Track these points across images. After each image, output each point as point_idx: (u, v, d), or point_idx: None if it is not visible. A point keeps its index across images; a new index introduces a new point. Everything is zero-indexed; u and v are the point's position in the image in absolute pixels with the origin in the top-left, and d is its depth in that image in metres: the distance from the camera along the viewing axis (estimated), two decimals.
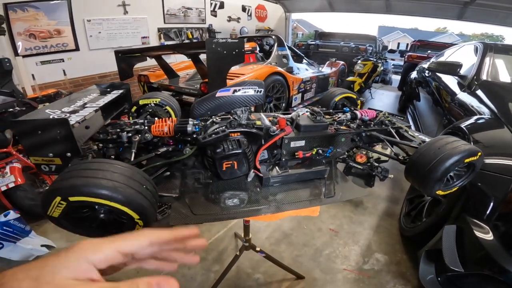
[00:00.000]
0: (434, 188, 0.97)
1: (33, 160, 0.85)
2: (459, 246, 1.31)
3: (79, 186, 0.66)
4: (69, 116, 0.92)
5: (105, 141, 1.02)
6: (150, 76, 3.58)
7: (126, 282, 0.36)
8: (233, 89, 0.99)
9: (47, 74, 3.97)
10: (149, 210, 0.74)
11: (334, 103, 1.68)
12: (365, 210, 2.32)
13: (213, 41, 2.03)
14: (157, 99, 1.44)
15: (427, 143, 1.02)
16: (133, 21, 4.81)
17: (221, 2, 6.34)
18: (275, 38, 4.36)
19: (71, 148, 0.84)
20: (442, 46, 6.63)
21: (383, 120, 1.36)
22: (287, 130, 1.10)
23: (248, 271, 1.71)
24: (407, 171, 1.05)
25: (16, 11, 3.51)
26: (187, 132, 1.01)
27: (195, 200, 0.96)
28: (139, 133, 1.01)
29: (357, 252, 1.89)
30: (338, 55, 6.37)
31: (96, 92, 1.31)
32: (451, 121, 2.07)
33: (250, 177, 1.06)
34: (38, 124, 0.82)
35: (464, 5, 5.89)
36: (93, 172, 0.69)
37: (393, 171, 1.29)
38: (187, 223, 0.87)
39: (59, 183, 0.68)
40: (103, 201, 0.67)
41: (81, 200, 0.67)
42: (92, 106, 1.04)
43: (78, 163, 0.75)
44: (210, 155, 0.97)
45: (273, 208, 0.97)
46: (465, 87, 2.19)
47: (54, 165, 0.86)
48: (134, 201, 0.70)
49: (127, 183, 0.70)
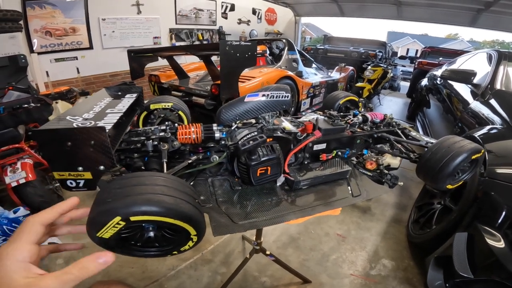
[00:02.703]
0: (446, 183, 1.09)
1: (58, 175, 0.74)
2: (469, 253, 1.33)
3: (141, 204, 0.58)
4: (95, 123, 0.81)
5: (129, 151, 0.95)
6: (160, 76, 3.62)
7: (73, 264, 0.43)
8: (261, 93, 0.99)
9: (61, 71, 4.05)
10: (204, 224, 0.69)
11: (339, 105, 1.75)
12: (372, 216, 2.30)
13: (227, 43, 2.05)
14: (170, 104, 1.39)
15: (437, 143, 1.12)
16: (145, 21, 4.89)
17: (232, 4, 6.40)
18: (286, 41, 4.37)
19: (106, 160, 0.74)
20: (453, 53, 6.56)
21: (390, 122, 1.45)
22: (316, 135, 1.12)
23: (254, 274, 1.71)
24: (419, 168, 1.16)
25: (34, 8, 3.59)
26: (214, 138, 1.00)
27: (231, 208, 0.94)
28: (165, 141, 0.96)
29: (364, 257, 1.88)
30: (347, 60, 6.34)
31: (108, 96, 1.18)
32: (463, 130, 2.06)
33: (280, 182, 1.08)
34: (68, 133, 0.71)
35: (477, 12, 5.83)
36: (150, 188, 0.62)
37: (402, 178, 1.34)
38: (231, 232, 0.86)
39: (117, 202, 0.59)
40: (166, 219, 0.61)
41: (143, 220, 0.59)
42: (113, 111, 0.94)
43: (124, 177, 0.67)
44: (244, 162, 0.95)
45: (309, 210, 0.98)
46: (478, 96, 2.17)
47: (82, 179, 0.76)
48: (194, 216, 0.64)
49: (185, 198, 0.64)
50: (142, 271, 1.69)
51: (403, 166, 1.67)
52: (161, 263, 1.75)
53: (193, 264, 1.76)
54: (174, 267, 1.72)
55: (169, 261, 1.76)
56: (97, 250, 0.51)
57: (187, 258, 1.79)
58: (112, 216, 0.57)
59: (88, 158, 0.73)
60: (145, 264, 1.73)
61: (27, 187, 1.94)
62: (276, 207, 0.97)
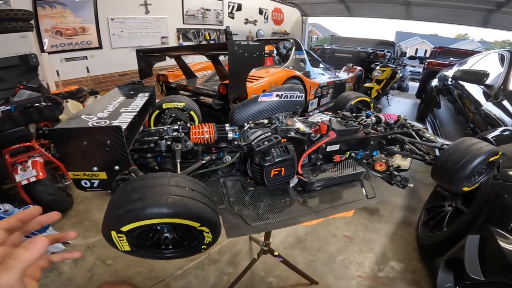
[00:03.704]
0: (462, 185, 1.08)
1: (72, 175, 0.75)
2: (481, 256, 1.32)
3: (124, 214, 0.58)
4: (110, 123, 0.80)
5: (142, 151, 0.95)
6: (168, 76, 3.64)
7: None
8: (275, 93, 0.99)
9: (70, 71, 4.10)
10: (218, 224, 0.69)
11: (350, 106, 1.73)
12: (381, 218, 2.28)
13: (235, 43, 2.05)
14: (182, 103, 1.39)
15: (454, 145, 1.11)
16: (153, 20, 4.92)
17: (238, 4, 6.40)
18: (293, 41, 4.35)
19: (121, 160, 0.73)
20: (464, 53, 6.45)
21: (404, 123, 1.44)
22: (331, 135, 1.12)
23: (261, 274, 1.70)
24: (435, 170, 1.15)
25: (44, 7, 3.65)
26: (227, 139, 0.99)
27: (244, 210, 0.94)
28: (179, 141, 0.96)
29: (372, 259, 1.87)
30: (355, 60, 6.29)
31: (121, 95, 1.19)
32: (475, 131, 2.03)
33: (293, 183, 1.07)
34: (85, 132, 0.70)
35: (488, 12, 5.72)
36: (170, 189, 0.61)
37: (411, 180, 1.30)
38: (244, 234, 0.85)
39: (106, 217, 0.60)
40: (180, 221, 0.61)
41: (137, 226, 0.59)
42: (127, 111, 0.93)
43: (139, 178, 0.67)
44: (258, 163, 0.93)
45: (324, 212, 0.97)
46: (491, 97, 2.13)
47: (97, 180, 0.76)
48: (207, 216, 0.64)
49: (202, 199, 0.65)
50: (150, 270, 1.70)
51: (412, 168, 1.65)
52: (168, 262, 1.76)
53: (200, 264, 1.76)
54: (181, 266, 1.73)
55: (176, 261, 1.77)
56: (103, 252, 0.52)
57: (194, 258, 1.79)
58: (108, 231, 0.58)
59: (104, 158, 0.72)
60: (152, 264, 1.74)
61: (37, 185, 1.96)
62: (289, 208, 0.96)
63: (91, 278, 1.64)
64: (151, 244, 0.69)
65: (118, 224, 0.58)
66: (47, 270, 1.68)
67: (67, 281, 1.63)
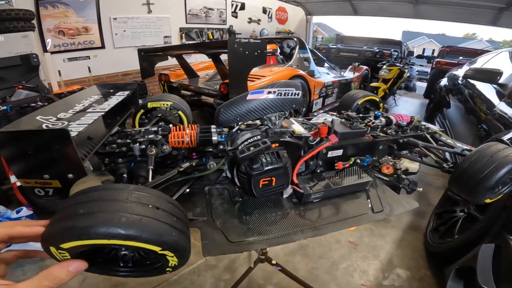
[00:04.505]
0: (485, 196, 0.96)
1: (23, 182, 0.67)
2: (494, 265, 1.26)
3: (64, 231, 0.48)
4: (67, 125, 0.73)
5: (113, 155, 0.86)
6: (170, 75, 3.61)
7: (42, 274, 0.42)
8: (266, 91, 0.87)
9: (73, 70, 4.10)
10: (185, 246, 0.57)
11: (357, 106, 1.61)
12: (387, 223, 2.19)
13: (235, 41, 1.99)
14: (169, 103, 1.30)
15: (477, 151, 1.00)
16: (156, 20, 4.90)
17: (242, 3, 6.35)
18: (297, 40, 4.28)
19: (73, 167, 0.66)
20: (473, 53, 6.30)
21: (418, 126, 1.30)
22: (332, 140, 0.99)
23: (260, 282, 1.64)
24: (454, 179, 1.03)
25: (47, 7, 3.64)
26: (212, 142, 0.89)
27: (227, 223, 0.82)
28: (154, 144, 0.86)
29: (377, 266, 1.80)
30: (360, 59, 6.19)
31: (97, 94, 1.10)
32: (488, 132, 1.94)
33: (287, 194, 0.94)
34: (26, 136, 0.62)
35: (498, 10, 5.57)
36: (111, 205, 0.51)
37: (420, 183, 1.21)
38: (224, 253, 0.74)
39: (46, 229, 0.50)
40: (132, 243, 0.51)
41: (80, 245, 0.49)
42: (95, 110, 0.85)
43: (83, 191, 0.56)
44: (244, 171, 0.82)
45: (320, 229, 0.85)
46: (505, 97, 2.03)
47: (51, 188, 0.68)
48: (168, 240, 0.53)
49: (160, 217, 0.54)
50: None
51: (422, 170, 1.55)
52: None
53: (196, 270, 1.70)
54: (176, 272, 1.67)
55: None
56: None
57: (190, 263, 1.73)
58: (47, 246, 0.48)
59: (53, 165, 0.65)
60: None
61: None
62: (281, 224, 0.84)
63: (84, 281, 1.60)
64: (104, 261, 0.58)
65: (57, 241, 0.48)
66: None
67: (60, 284, 1.58)
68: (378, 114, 1.32)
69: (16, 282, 0.42)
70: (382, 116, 1.28)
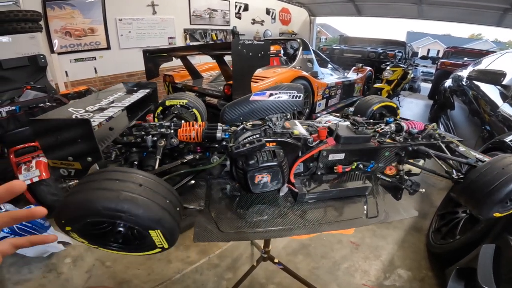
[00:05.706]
0: (493, 210, 0.91)
1: (51, 163, 0.81)
2: (495, 265, 1.27)
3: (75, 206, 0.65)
4: (92, 116, 0.85)
5: (128, 145, 0.95)
6: (175, 76, 3.63)
7: None
8: (269, 92, 0.91)
9: (79, 71, 4.14)
10: (173, 230, 0.69)
11: (372, 112, 1.56)
12: (389, 224, 2.19)
13: (239, 42, 2.01)
14: (184, 100, 1.38)
15: (488, 163, 0.95)
16: (161, 21, 4.93)
17: (245, 4, 6.36)
18: (300, 41, 4.28)
19: (92, 152, 0.77)
20: (478, 53, 6.25)
21: (432, 134, 1.23)
22: (329, 142, 1.01)
23: (261, 281, 1.65)
24: (462, 190, 0.99)
25: (53, 8, 3.69)
26: (216, 138, 0.94)
27: (221, 214, 0.89)
28: (165, 138, 0.95)
29: (378, 267, 1.81)
30: (364, 60, 6.16)
31: (122, 91, 1.24)
32: (492, 134, 1.93)
33: (282, 192, 0.98)
34: (57, 124, 0.76)
35: (504, 11, 5.51)
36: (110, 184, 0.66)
37: (423, 184, 1.22)
38: (213, 240, 0.80)
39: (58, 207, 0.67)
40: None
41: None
42: (117, 105, 0.96)
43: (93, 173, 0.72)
44: (241, 167, 0.87)
45: (309, 228, 0.88)
46: (509, 98, 2.02)
47: (73, 169, 0.80)
48: (160, 220, 0.66)
49: (155, 199, 0.67)
50: (148, 273, 1.67)
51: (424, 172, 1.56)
52: (167, 265, 1.73)
53: (199, 268, 1.72)
54: (180, 270, 1.69)
55: (175, 264, 1.74)
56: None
57: (193, 261, 1.76)
58: (59, 221, 0.64)
59: (77, 149, 0.77)
60: (151, 266, 1.71)
61: (41, 185, 1.97)
62: (273, 220, 0.89)
63: (89, 279, 1.63)
64: (101, 235, 0.71)
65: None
66: (45, 270, 1.67)
67: (65, 282, 1.62)
68: (389, 120, 1.28)
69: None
70: (392, 123, 1.25)
